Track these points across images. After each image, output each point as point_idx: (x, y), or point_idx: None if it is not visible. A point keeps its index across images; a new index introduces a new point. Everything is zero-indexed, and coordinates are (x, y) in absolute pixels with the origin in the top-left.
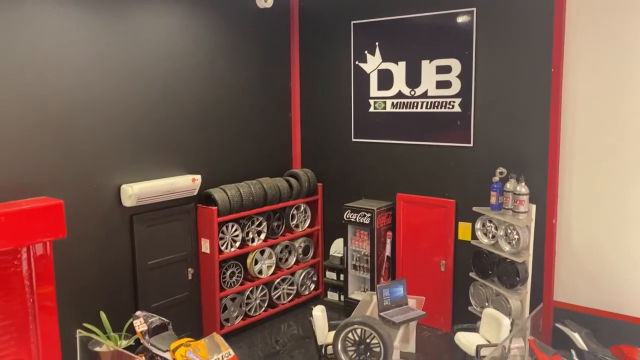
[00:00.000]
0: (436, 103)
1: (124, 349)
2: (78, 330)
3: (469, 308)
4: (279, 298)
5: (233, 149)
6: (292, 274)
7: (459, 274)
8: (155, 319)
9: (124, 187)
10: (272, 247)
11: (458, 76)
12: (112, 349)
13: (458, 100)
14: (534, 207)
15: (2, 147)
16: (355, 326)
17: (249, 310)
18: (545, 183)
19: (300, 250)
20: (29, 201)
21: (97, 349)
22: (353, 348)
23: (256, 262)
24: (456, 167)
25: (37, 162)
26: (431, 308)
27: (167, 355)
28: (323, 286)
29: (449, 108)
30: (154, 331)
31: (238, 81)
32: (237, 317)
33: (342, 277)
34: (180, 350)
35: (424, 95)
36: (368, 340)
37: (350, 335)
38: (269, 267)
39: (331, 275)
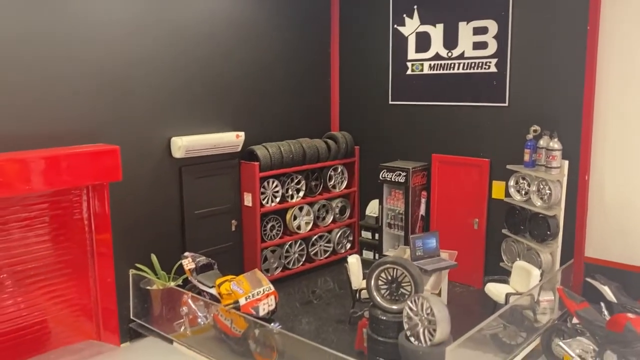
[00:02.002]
0: (472, 64)
1: None
2: (131, 270)
3: (501, 264)
4: (316, 254)
5: (275, 110)
6: (329, 232)
7: (492, 232)
8: (202, 259)
9: (174, 139)
10: (310, 205)
11: (494, 37)
12: (161, 288)
13: (494, 61)
14: (566, 163)
15: (67, 99)
16: (388, 265)
17: (288, 263)
18: (578, 140)
19: (337, 210)
20: (89, 146)
21: (148, 287)
22: (385, 286)
23: (295, 218)
24: (491, 126)
25: (96, 113)
26: (464, 265)
27: (212, 290)
28: (359, 245)
29: (485, 68)
30: (200, 269)
31: (280, 45)
32: (276, 268)
33: (377, 236)
34: (225, 285)
35: (461, 56)
36: (399, 280)
37: (382, 274)
38: (307, 223)
39: (366, 235)
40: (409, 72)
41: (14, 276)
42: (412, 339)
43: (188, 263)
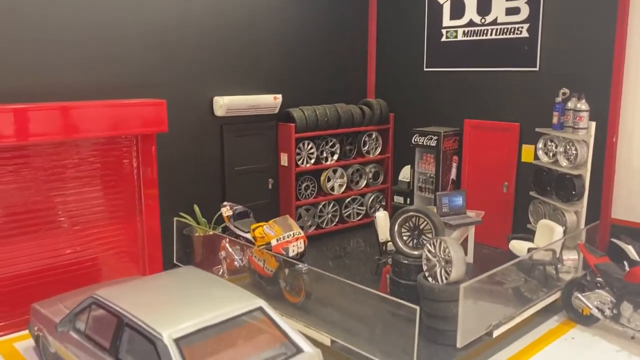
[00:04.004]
0: (505, 29)
1: None
2: (175, 218)
3: (528, 226)
4: (349, 216)
5: (312, 75)
6: (362, 196)
7: (520, 195)
8: (239, 207)
9: (216, 98)
10: (344, 168)
11: (527, 2)
12: (202, 235)
13: (526, 26)
14: (593, 124)
15: (121, 59)
16: (411, 213)
17: (322, 222)
18: (607, 101)
19: (370, 175)
20: (139, 100)
21: (190, 234)
22: (408, 234)
23: (329, 180)
24: (522, 91)
25: (146, 71)
26: (492, 228)
27: (248, 235)
28: (391, 209)
29: (517, 34)
30: (237, 216)
31: (319, 13)
32: (310, 226)
33: (409, 200)
34: (259, 229)
35: (494, 22)
36: (422, 228)
37: (406, 223)
38: (340, 185)
39: (399, 199)
40: (443, 39)
41: (68, 214)
42: (429, 278)
43: (226, 210)
